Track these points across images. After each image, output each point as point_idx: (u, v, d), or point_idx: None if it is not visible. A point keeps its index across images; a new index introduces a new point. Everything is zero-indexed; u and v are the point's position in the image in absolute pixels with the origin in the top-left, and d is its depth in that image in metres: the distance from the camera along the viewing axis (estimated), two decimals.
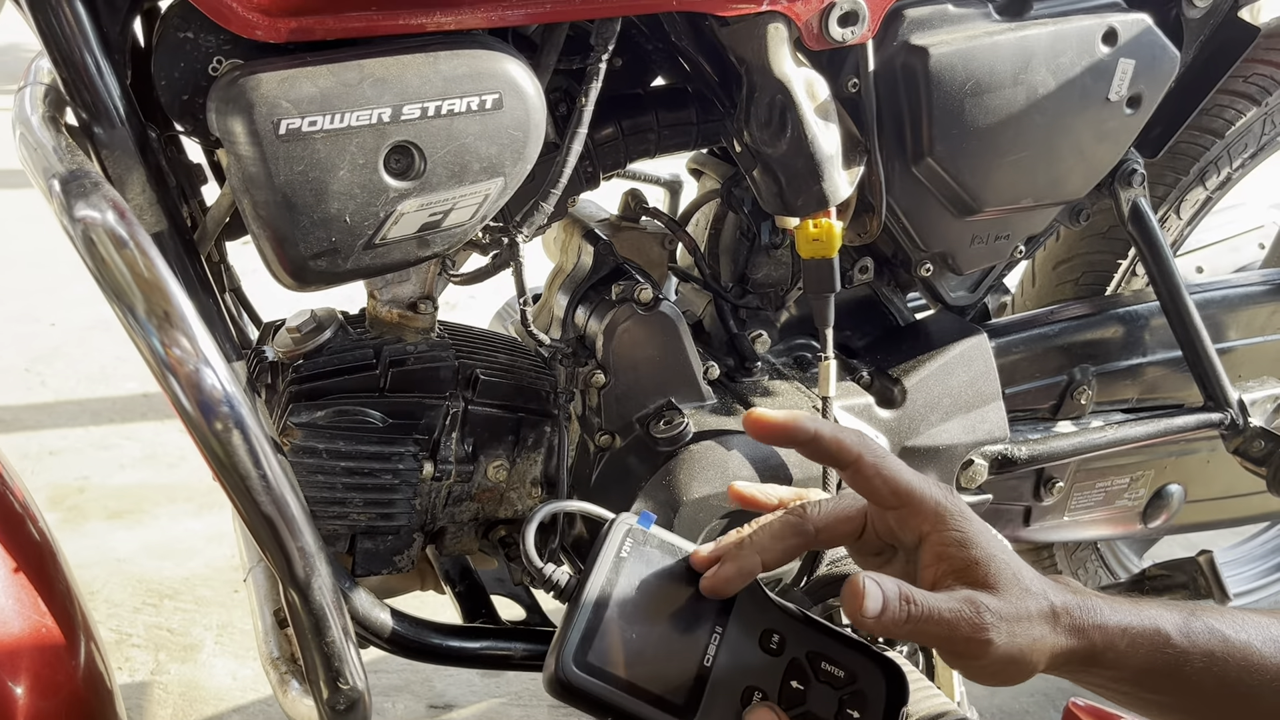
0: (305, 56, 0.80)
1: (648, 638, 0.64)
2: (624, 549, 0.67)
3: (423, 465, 1.03)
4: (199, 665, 1.81)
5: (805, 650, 0.66)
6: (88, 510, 2.17)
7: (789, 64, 0.97)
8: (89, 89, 0.80)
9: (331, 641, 0.78)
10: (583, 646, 0.62)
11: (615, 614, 0.64)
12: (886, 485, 0.69)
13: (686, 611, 0.65)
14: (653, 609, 0.65)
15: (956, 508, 0.68)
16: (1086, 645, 0.66)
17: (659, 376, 1.08)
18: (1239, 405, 1.31)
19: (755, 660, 0.65)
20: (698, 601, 0.66)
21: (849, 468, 0.70)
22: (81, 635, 0.91)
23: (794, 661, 0.66)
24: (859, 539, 0.73)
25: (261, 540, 0.74)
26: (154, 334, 0.67)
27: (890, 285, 1.27)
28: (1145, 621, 0.67)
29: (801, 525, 0.70)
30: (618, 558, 0.66)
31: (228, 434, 0.69)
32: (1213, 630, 0.68)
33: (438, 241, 0.89)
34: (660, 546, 0.68)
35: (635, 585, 0.65)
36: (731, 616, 0.66)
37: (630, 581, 0.65)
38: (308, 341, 1.02)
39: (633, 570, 0.66)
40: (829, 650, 0.67)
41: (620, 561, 0.66)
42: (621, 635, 0.63)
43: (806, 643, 0.67)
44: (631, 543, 0.67)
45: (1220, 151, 1.40)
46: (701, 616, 0.66)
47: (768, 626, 0.67)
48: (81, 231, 0.67)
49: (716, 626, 0.66)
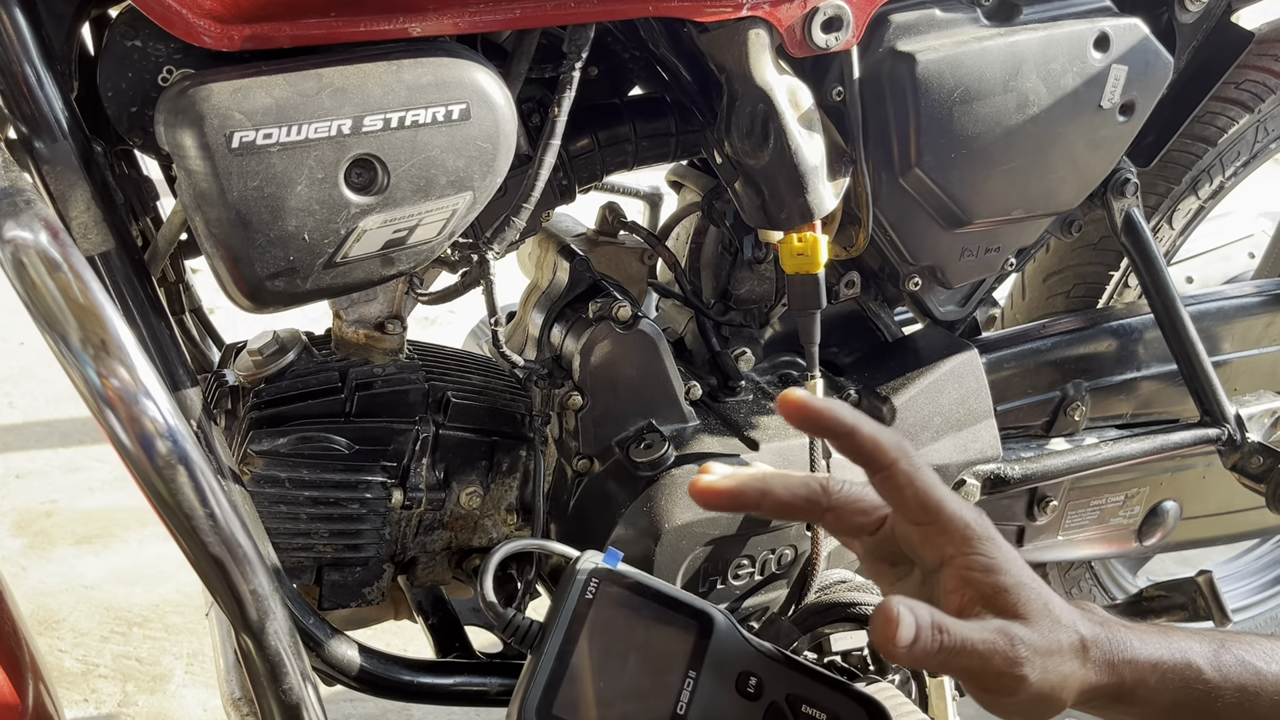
0: (260, 65, 0.76)
1: (616, 685, 0.61)
2: (589, 590, 0.63)
3: (391, 493, 0.98)
4: (168, 696, 1.75)
5: (785, 693, 0.63)
6: (55, 535, 2.11)
7: (770, 71, 0.94)
8: (28, 101, 0.76)
9: (289, 689, 0.73)
10: (546, 697, 0.59)
11: (582, 660, 0.60)
12: (917, 498, 0.64)
13: (658, 655, 0.62)
14: (621, 654, 0.62)
15: (986, 531, 0.65)
16: (1116, 681, 0.63)
17: (639, 397, 1.04)
18: (1236, 420, 1.28)
19: (732, 706, 0.62)
20: (669, 644, 0.63)
21: (881, 473, 0.65)
22: (29, 677, 0.86)
23: (773, 705, 0.62)
24: (873, 537, 0.69)
25: (210, 583, 0.69)
26: (89, 364, 0.62)
27: (877, 300, 1.24)
28: (1176, 655, 0.64)
29: (816, 493, 0.66)
30: (583, 599, 0.63)
31: (170, 470, 0.65)
32: (1244, 663, 0.65)
33: (403, 259, 0.85)
34: (629, 586, 0.65)
35: (602, 629, 0.62)
36: (706, 659, 0.63)
37: (597, 625, 0.62)
38: (270, 364, 0.98)
39: (600, 613, 0.63)
40: (810, 692, 0.63)
41: (586, 603, 0.63)
42: (589, 683, 0.60)
43: (786, 684, 0.63)
44: (597, 583, 0.64)
45: (1213, 160, 1.38)
46: (673, 660, 0.62)
47: (744, 669, 0.63)
48: (10, 253, 0.63)
49: (690, 670, 0.62)
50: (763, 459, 1.04)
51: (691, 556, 1.02)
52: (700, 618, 0.65)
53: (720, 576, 1.05)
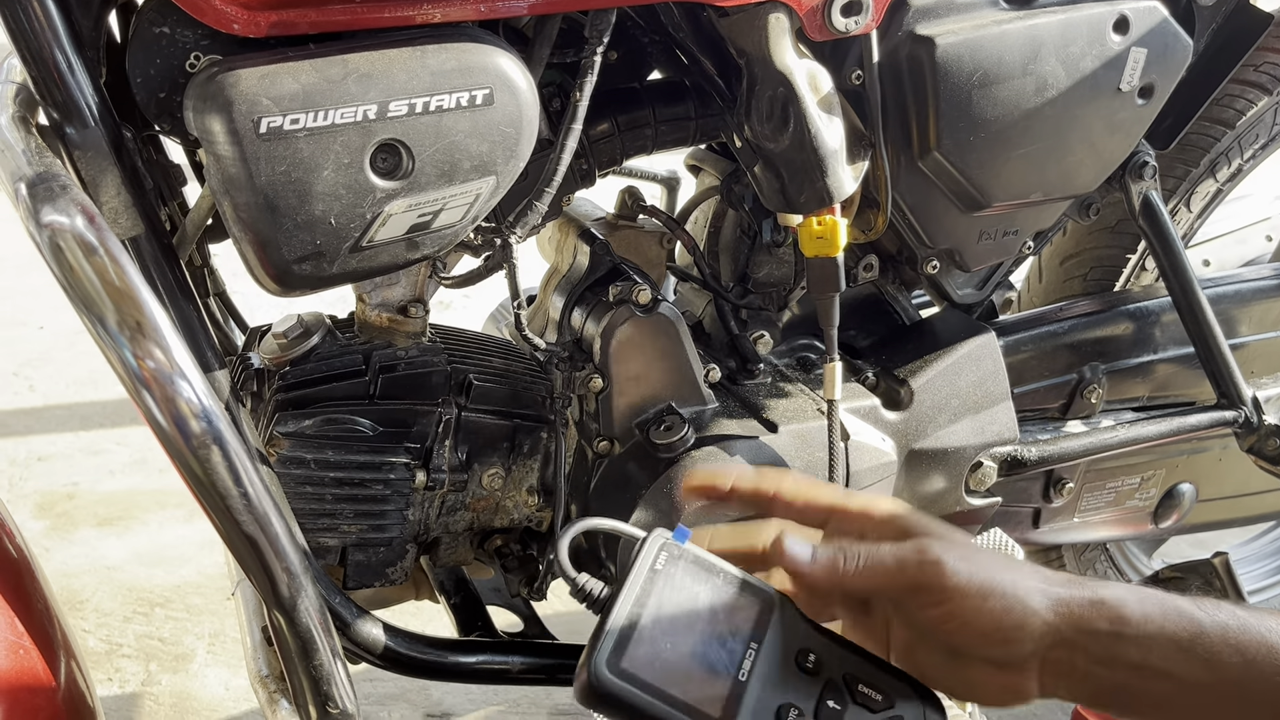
0: (287, 52, 0.77)
1: (682, 649, 0.62)
2: (658, 562, 0.65)
3: (415, 474, 1.00)
4: (191, 675, 1.78)
5: (842, 672, 0.65)
6: (77, 517, 2.14)
7: (791, 55, 0.94)
8: (60, 87, 0.76)
9: (319, 664, 0.74)
10: (616, 653, 0.60)
11: (650, 624, 0.62)
12: (809, 503, 0.71)
13: (722, 626, 0.64)
14: (687, 621, 0.63)
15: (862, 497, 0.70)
16: (1091, 597, 0.64)
17: (658, 380, 1.05)
18: (1253, 403, 1.28)
19: (791, 678, 0.64)
20: (733, 616, 0.65)
21: (772, 505, 0.72)
22: (61, 654, 0.88)
23: (830, 682, 0.64)
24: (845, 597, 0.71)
25: (244, 561, 0.70)
26: (126, 346, 0.64)
27: (895, 283, 1.24)
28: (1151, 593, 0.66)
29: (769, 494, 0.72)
30: (652, 570, 0.64)
31: (205, 450, 0.66)
32: (1222, 608, 0.65)
33: (427, 243, 0.85)
34: (695, 561, 0.67)
35: (670, 597, 0.64)
36: (768, 633, 0.65)
37: (665, 593, 0.64)
38: (294, 348, 0.99)
39: (667, 583, 0.64)
40: (866, 674, 0.65)
41: (655, 574, 0.64)
42: (656, 645, 0.61)
43: (843, 664, 0.65)
44: (666, 556, 0.66)
45: (1231, 142, 1.37)
46: (737, 631, 0.64)
47: (803, 646, 0.65)
48: (48, 238, 0.64)
49: (752, 642, 0.64)
50: (781, 440, 1.05)
51: None
52: (763, 596, 0.67)
53: None
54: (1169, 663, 0.64)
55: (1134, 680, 0.65)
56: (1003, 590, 0.63)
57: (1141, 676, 0.64)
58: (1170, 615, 0.64)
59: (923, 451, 1.14)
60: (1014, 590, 0.64)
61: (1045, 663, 0.65)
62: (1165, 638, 0.64)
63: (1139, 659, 0.64)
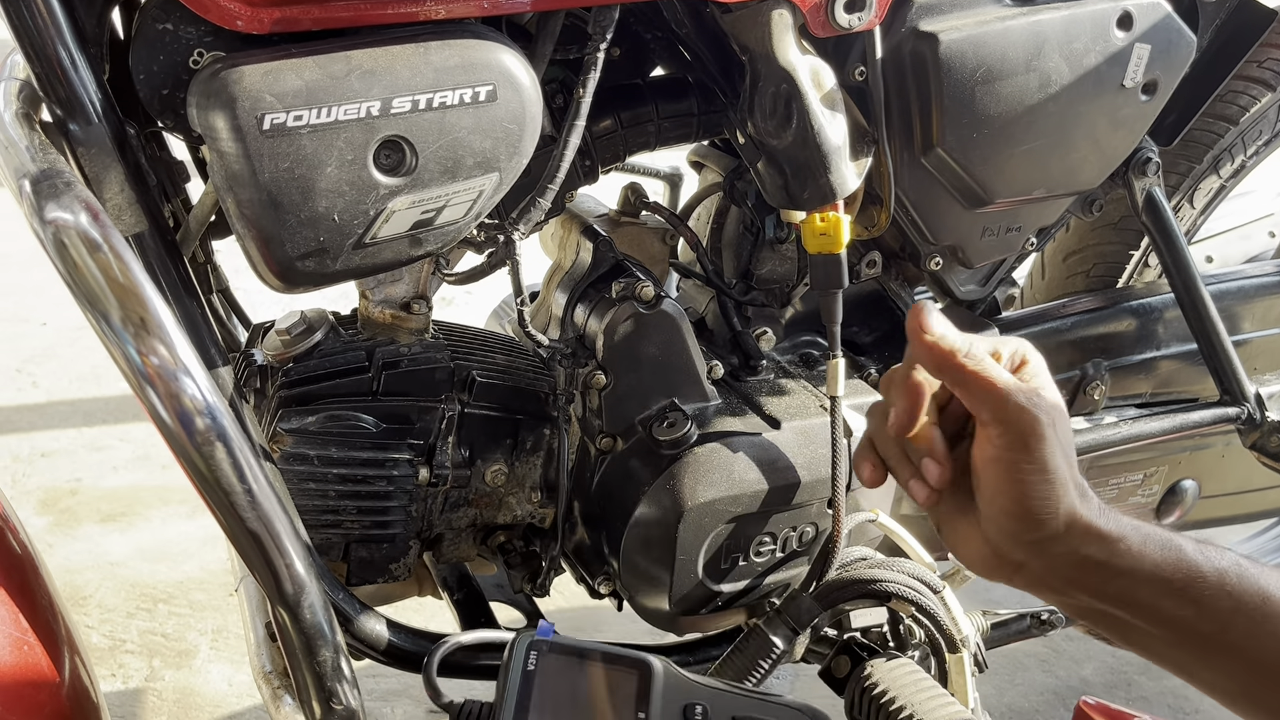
0: (290, 48, 0.77)
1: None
2: (529, 663, 0.67)
3: (418, 471, 1.00)
4: (194, 671, 1.78)
5: (730, 715, 0.67)
6: (80, 513, 2.14)
7: (794, 52, 0.94)
8: (64, 84, 0.76)
9: (323, 661, 0.75)
10: None
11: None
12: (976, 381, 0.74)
13: (606, 707, 0.66)
14: (572, 713, 0.66)
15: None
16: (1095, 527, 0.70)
17: (661, 376, 1.05)
18: (1256, 399, 1.28)
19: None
20: (615, 694, 0.67)
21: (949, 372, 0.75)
22: (65, 650, 0.88)
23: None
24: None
25: (247, 557, 0.70)
26: (130, 342, 0.64)
27: (898, 279, 1.24)
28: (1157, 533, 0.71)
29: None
30: (525, 673, 0.67)
31: (209, 446, 0.66)
32: (1225, 555, 0.70)
33: (431, 240, 0.85)
34: (565, 652, 0.69)
35: (550, 696, 0.66)
36: (651, 700, 0.67)
37: (544, 693, 0.66)
38: (298, 344, 0.99)
39: (544, 680, 0.67)
40: (753, 711, 0.68)
41: (529, 676, 0.67)
42: None
43: (730, 708, 0.68)
44: (535, 655, 0.68)
45: (1234, 139, 1.37)
46: (622, 709, 0.66)
47: (688, 701, 0.67)
48: (52, 234, 0.64)
49: (639, 713, 0.66)
50: (784, 437, 1.05)
51: (714, 534, 1.03)
52: (639, 665, 0.69)
53: (742, 554, 1.06)
54: (1156, 599, 0.68)
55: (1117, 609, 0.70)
56: (1059, 479, 0.70)
57: (1125, 607, 0.70)
58: (1170, 558, 0.69)
59: None
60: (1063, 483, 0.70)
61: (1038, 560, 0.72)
62: (1159, 579, 0.68)
63: (1126, 592, 0.69)
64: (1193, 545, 0.69)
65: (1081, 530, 0.70)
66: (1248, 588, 0.67)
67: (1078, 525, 0.70)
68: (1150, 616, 0.69)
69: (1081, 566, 0.71)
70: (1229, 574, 0.67)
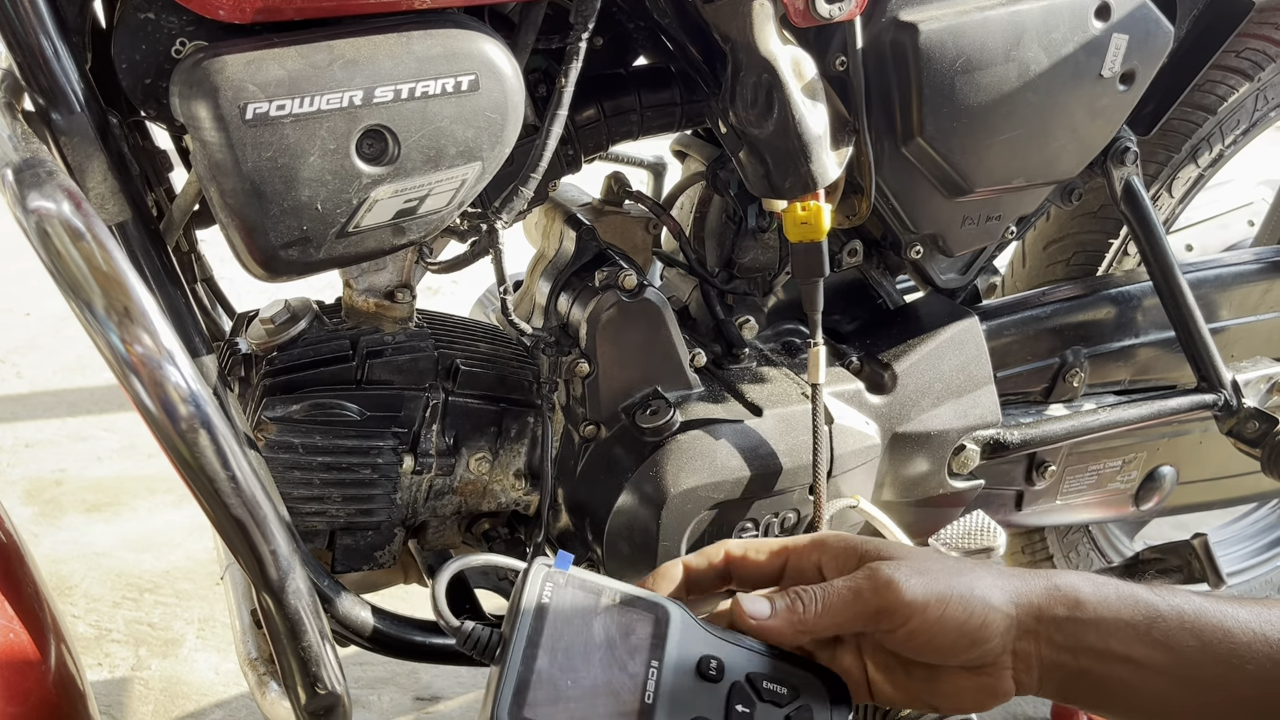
0: (272, 38, 0.77)
1: (584, 683, 0.61)
2: (544, 594, 0.64)
3: (403, 459, 1.00)
4: (180, 660, 1.78)
5: (745, 673, 0.65)
6: (65, 503, 2.14)
7: (775, 42, 0.95)
8: (46, 73, 0.76)
9: (308, 646, 0.75)
10: (517, 701, 0.59)
11: (547, 663, 0.61)
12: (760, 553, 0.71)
13: (620, 650, 0.64)
14: (584, 653, 0.63)
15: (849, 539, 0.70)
16: (1047, 585, 0.66)
17: (645, 365, 1.05)
18: (1232, 386, 1.30)
19: (697, 689, 0.64)
20: (629, 637, 0.64)
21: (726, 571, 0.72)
22: (51, 638, 0.88)
23: (735, 685, 0.64)
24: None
25: (233, 544, 0.71)
26: (113, 330, 0.64)
27: (879, 268, 1.25)
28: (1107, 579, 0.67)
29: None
30: (539, 604, 0.64)
31: (193, 434, 0.66)
32: (1178, 593, 0.66)
33: (414, 229, 0.86)
34: (582, 586, 0.66)
35: (562, 630, 0.63)
36: (667, 648, 0.65)
37: (556, 627, 0.63)
38: (282, 333, 0.99)
39: (557, 615, 0.63)
40: (769, 669, 0.66)
41: (543, 608, 0.64)
42: (557, 685, 0.61)
43: (745, 664, 0.66)
44: (552, 586, 0.65)
45: (1212, 128, 1.38)
46: (636, 652, 0.64)
47: (704, 654, 0.65)
48: (35, 223, 0.64)
49: (652, 660, 0.64)
50: (765, 424, 1.06)
51: (696, 520, 1.03)
52: (656, 610, 0.66)
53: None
54: (1128, 646, 0.65)
55: (1097, 665, 0.66)
56: (960, 595, 0.64)
57: (1103, 661, 0.65)
58: (1126, 600, 0.66)
59: (906, 435, 1.15)
60: (971, 592, 0.64)
61: (1014, 656, 0.66)
62: (1122, 622, 0.65)
63: (1099, 643, 0.65)
64: (1144, 587, 0.67)
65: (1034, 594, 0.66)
66: (1206, 623, 0.65)
67: (1027, 593, 0.66)
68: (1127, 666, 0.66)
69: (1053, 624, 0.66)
70: (1186, 612, 0.65)
